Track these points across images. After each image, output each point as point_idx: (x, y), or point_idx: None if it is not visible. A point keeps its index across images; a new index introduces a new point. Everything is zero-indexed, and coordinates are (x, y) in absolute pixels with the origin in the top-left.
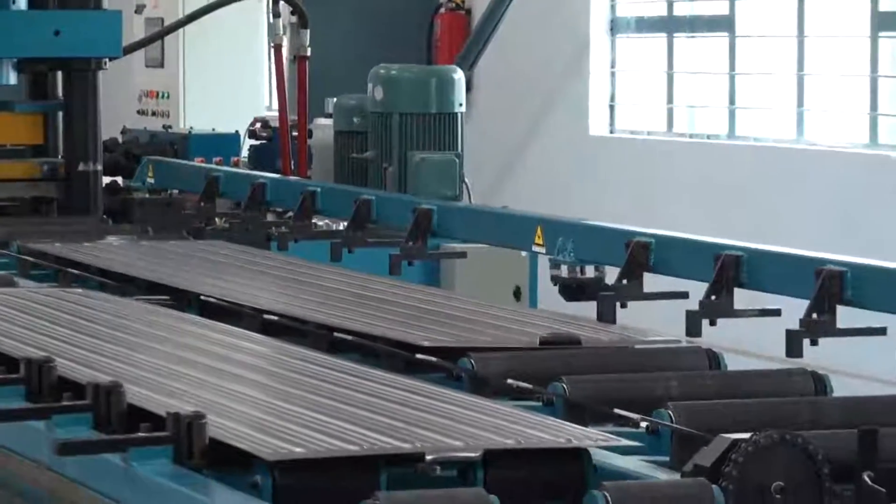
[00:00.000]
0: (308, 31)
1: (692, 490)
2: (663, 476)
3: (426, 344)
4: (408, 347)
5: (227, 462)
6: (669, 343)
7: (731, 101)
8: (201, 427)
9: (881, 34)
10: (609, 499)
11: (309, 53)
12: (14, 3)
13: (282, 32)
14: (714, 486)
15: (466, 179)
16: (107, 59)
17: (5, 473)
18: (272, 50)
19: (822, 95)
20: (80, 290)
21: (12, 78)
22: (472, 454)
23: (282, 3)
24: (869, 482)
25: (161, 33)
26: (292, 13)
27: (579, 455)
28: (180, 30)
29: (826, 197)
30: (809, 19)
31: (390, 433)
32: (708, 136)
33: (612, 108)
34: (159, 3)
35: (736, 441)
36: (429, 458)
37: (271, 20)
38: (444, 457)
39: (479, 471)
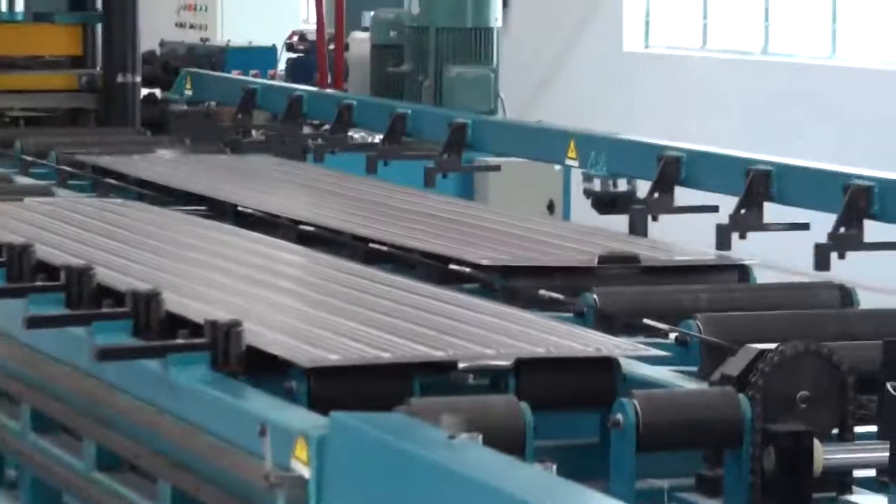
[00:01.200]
0: None
1: (719, 399)
2: (691, 385)
3: (485, 262)
4: (464, 265)
5: (263, 368)
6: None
7: (766, 18)
8: (238, 334)
9: None
10: (638, 406)
11: None
12: None
13: None
14: (741, 394)
15: (501, 94)
16: None
17: (46, 378)
18: None
19: (856, 14)
20: (118, 201)
21: None
22: (504, 362)
23: None
24: (892, 391)
25: None
26: None
27: (609, 364)
28: None
29: (858, 114)
30: None
31: (423, 341)
32: (742, 53)
33: (646, 24)
34: None
35: (762, 351)
36: (461, 365)
37: None
38: (477, 364)
39: (510, 379)
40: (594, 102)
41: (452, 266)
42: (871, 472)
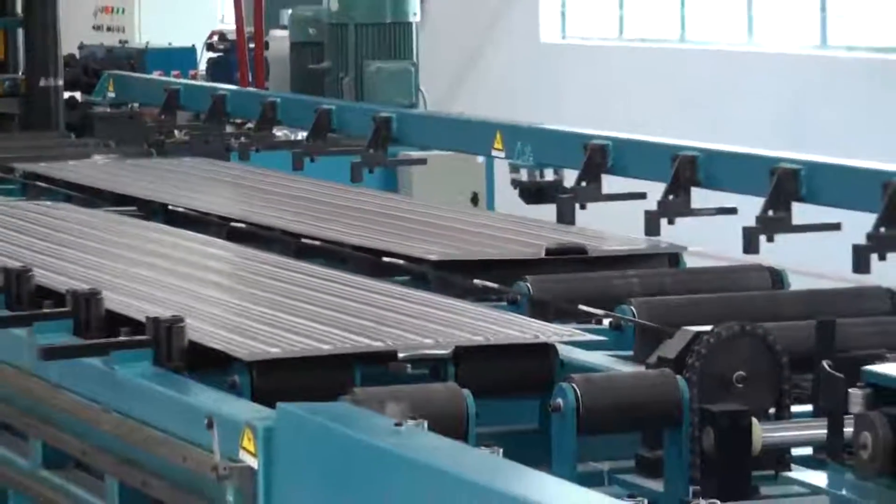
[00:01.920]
0: None
1: (657, 381)
2: (628, 369)
3: (433, 258)
4: (414, 261)
5: (206, 363)
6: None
7: (682, 6)
8: (180, 330)
9: None
10: (578, 390)
11: None
12: None
13: None
14: (678, 376)
15: (422, 88)
16: None
17: None
18: None
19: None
20: (48, 203)
21: None
22: (443, 351)
23: None
24: (828, 369)
25: None
26: None
27: (546, 350)
28: None
29: (777, 98)
30: None
31: (362, 332)
32: (659, 41)
33: (562, 14)
34: None
35: (698, 334)
36: (401, 355)
37: None
38: (416, 354)
39: (450, 367)
40: (513, 94)
41: (388, 259)
42: (809, 450)
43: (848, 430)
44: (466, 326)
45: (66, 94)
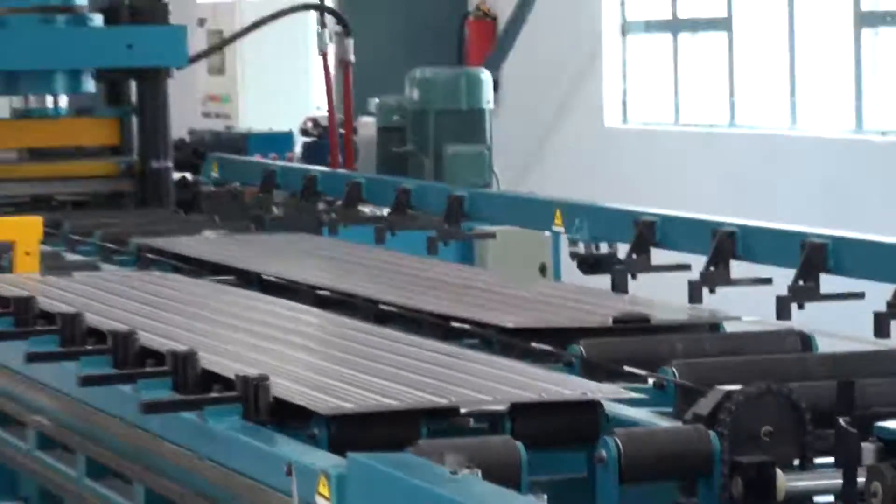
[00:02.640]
0: (351, 39)
1: (691, 435)
2: (667, 424)
3: (510, 325)
4: (489, 327)
5: (289, 417)
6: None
7: (731, 94)
8: (265, 387)
9: (863, 30)
10: (619, 443)
11: (352, 59)
12: (91, 19)
13: (328, 41)
14: (710, 431)
15: (495, 169)
16: (173, 68)
17: (97, 429)
18: (320, 56)
19: (811, 87)
20: (157, 273)
21: (91, 86)
22: (500, 407)
23: (327, 14)
24: (844, 425)
25: (221, 44)
26: (337, 23)
27: (593, 406)
28: (238, 40)
29: (817, 178)
30: (799, 18)
31: (429, 390)
32: (711, 126)
33: (624, 103)
34: (218, 16)
35: (729, 392)
36: (463, 411)
37: (319, 30)
38: (476, 410)
39: (506, 422)
40: (580, 173)
41: (456, 324)
42: (830, 497)
43: (861, 479)
44: (522, 385)
45: (177, 175)
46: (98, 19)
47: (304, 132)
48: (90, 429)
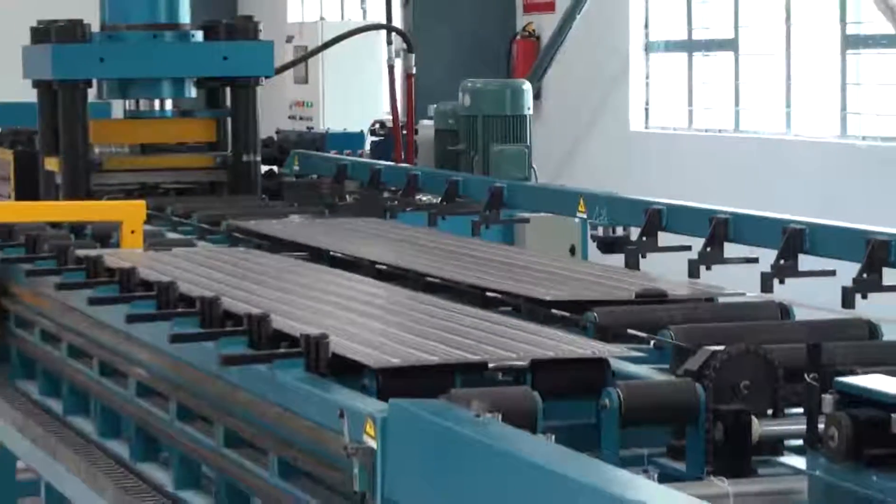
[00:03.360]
0: (413, 54)
1: (682, 387)
2: (662, 378)
3: (549, 298)
4: (531, 301)
5: (344, 370)
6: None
7: (736, 104)
8: (325, 344)
9: (847, 51)
10: (620, 393)
11: (415, 71)
12: (193, 35)
13: (394, 56)
14: (698, 384)
15: (534, 165)
16: (263, 78)
17: (185, 380)
18: (388, 69)
19: (804, 99)
20: (242, 249)
21: (193, 92)
22: (522, 363)
23: (395, 34)
24: (810, 381)
25: (304, 57)
26: (403, 41)
27: (601, 363)
28: (319, 54)
29: (807, 176)
30: (794, 40)
31: (463, 348)
32: (719, 131)
33: (646, 110)
34: (304, 34)
35: (715, 352)
36: (490, 365)
37: (387, 47)
38: (502, 365)
39: (527, 375)
40: (608, 170)
41: (491, 294)
42: (798, 441)
43: (822, 426)
44: (542, 345)
45: (264, 168)
46: (199, 35)
47: (373, 132)
48: (179, 379)
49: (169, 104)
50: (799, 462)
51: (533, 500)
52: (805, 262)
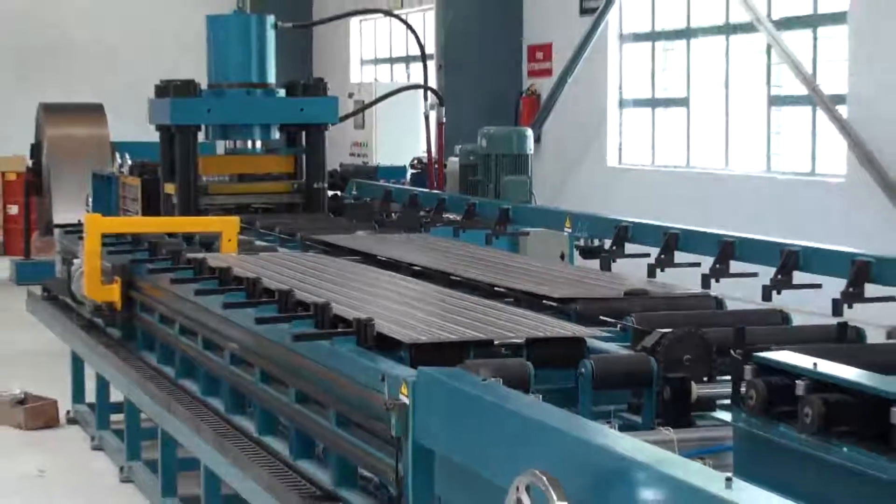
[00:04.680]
0: (444, 108)
1: (639, 360)
2: (624, 352)
3: (556, 295)
4: (539, 297)
5: (386, 345)
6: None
7: (688, 146)
8: (372, 326)
9: (772, 107)
10: (593, 364)
11: (444, 120)
12: (277, 92)
13: (429, 108)
14: (651, 357)
15: (533, 192)
16: (330, 124)
17: (267, 352)
18: (424, 118)
19: (739, 142)
20: (311, 254)
21: (276, 135)
22: (520, 340)
23: (430, 92)
24: (734, 355)
25: (361, 109)
26: (436, 97)
27: (580, 341)
28: (373, 107)
29: (740, 202)
30: (732, 98)
31: (476, 329)
32: (675, 166)
33: (620, 150)
34: (362, 91)
35: (664, 333)
36: (496, 342)
37: (424, 102)
38: (505, 342)
39: (523, 350)
40: (591, 196)
41: (499, 289)
42: (726, 401)
43: (743, 389)
44: (536, 327)
45: (329, 192)
46: (282, 92)
47: (412, 166)
48: (262, 351)
49: (259, 144)
50: (726, 416)
51: (526, 443)
52: (734, 265)
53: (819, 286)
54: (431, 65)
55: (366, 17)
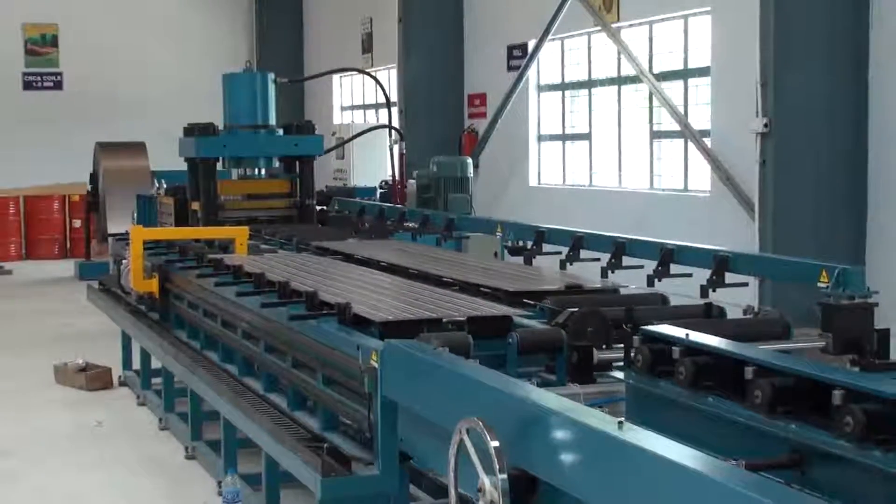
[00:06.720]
0: (404, 142)
1: (554, 332)
2: (543, 327)
3: (510, 289)
4: (493, 290)
5: (360, 323)
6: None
7: (591, 169)
8: (350, 308)
9: (654, 140)
10: (518, 336)
11: (405, 152)
12: (277, 131)
13: (393, 143)
14: (563, 330)
15: (473, 206)
16: (317, 155)
17: (270, 329)
18: (389, 150)
19: (631, 166)
20: (303, 254)
21: (277, 164)
22: (462, 318)
23: (394, 130)
24: (626, 328)
25: (342, 143)
26: (398, 135)
27: (508, 318)
28: (351, 142)
29: (627, 215)
30: (624, 133)
31: (429, 310)
32: (581, 185)
33: (539, 173)
34: (342, 130)
35: (572, 311)
36: (444, 320)
37: (389, 138)
38: (451, 319)
39: (465, 325)
40: (516, 209)
41: (447, 280)
42: (620, 363)
43: (633, 354)
44: (475, 308)
45: (318, 207)
46: (280, 131)
47: (381, 187)
48: (266, 328)
49: (263, 171)
50: (620, 375)
51: (467, 396)
52: (626, 260)
53: (690, 275)
54: (395, 110)
55: (344, 74)
